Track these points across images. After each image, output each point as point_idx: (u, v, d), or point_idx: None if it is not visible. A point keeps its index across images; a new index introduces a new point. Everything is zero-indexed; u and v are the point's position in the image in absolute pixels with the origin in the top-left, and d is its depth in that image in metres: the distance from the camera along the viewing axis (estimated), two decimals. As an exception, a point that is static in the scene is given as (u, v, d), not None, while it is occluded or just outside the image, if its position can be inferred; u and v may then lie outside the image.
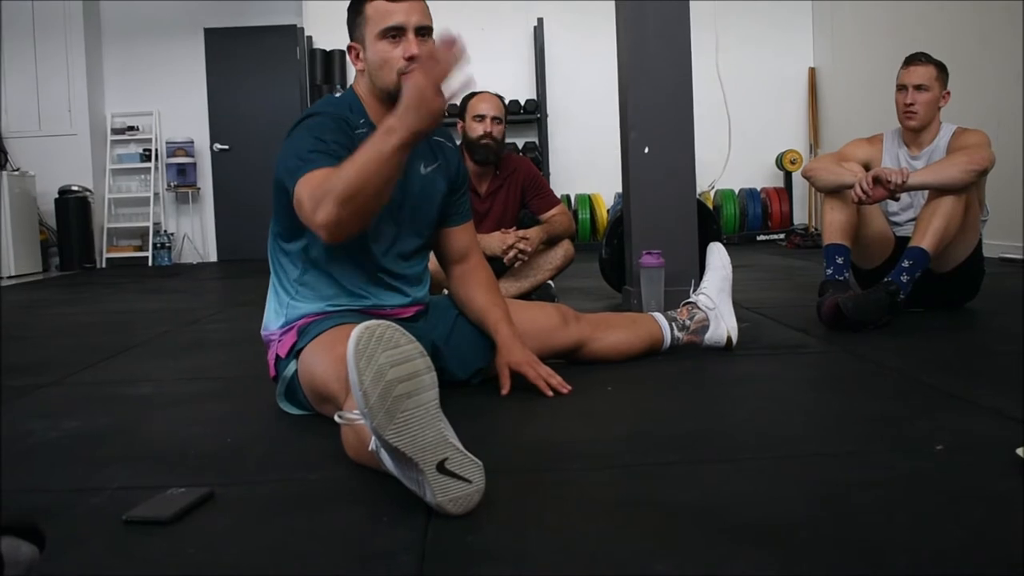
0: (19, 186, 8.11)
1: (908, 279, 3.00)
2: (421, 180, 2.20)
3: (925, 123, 3.35)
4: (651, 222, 3.43)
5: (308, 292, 2.13)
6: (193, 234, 9.45)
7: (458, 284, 2.34)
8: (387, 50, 2.04)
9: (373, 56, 2.06)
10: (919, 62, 3.36)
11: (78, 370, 2.88)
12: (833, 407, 2.08)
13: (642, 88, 3.45)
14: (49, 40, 8.82)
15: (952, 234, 3.07)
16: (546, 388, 2.17)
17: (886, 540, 1.22)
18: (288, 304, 2.13)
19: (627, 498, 1.45)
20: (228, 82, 9.28)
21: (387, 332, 1.35)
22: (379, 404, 1.31)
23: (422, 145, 2.21)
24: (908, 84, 3.35)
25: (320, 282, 2.13)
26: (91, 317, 4.55)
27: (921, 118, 3.33)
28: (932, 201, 3.07)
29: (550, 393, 2.15)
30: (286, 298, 2.14)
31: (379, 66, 2.06)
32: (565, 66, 8.56)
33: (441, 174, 2.25)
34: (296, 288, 2.14)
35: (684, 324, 2.62)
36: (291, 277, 2.15)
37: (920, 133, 3.38)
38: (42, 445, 1.94)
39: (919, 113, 3.32)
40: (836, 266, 3.14)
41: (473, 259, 2.35)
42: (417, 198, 2.19)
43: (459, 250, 2.34)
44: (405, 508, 1.38)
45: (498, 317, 2.26)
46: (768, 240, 8.31)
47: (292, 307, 2.12)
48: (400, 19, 2.03)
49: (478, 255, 2.37)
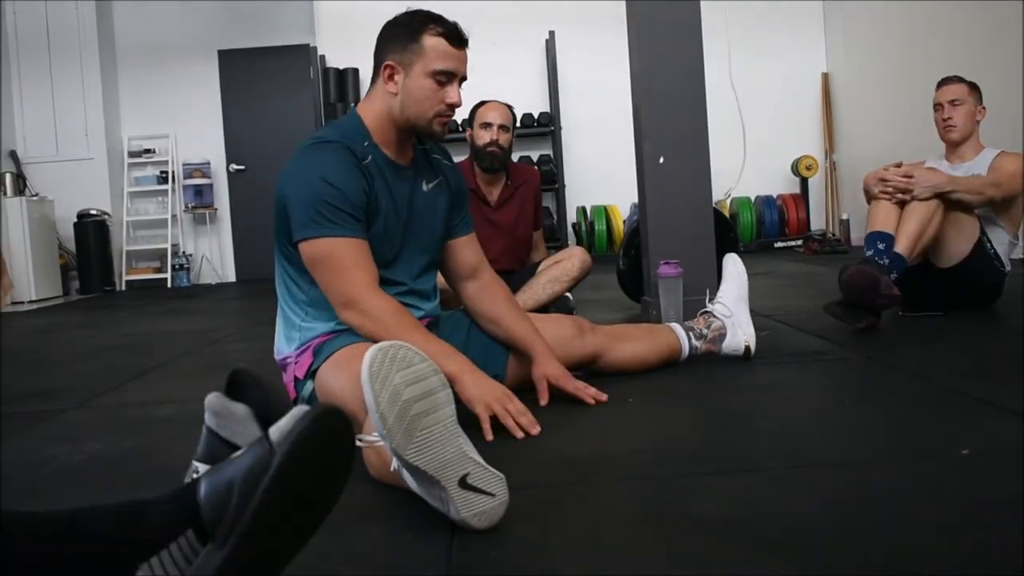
0: (38, 211, 8.18)
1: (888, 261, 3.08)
2: (424, 197, 2.23)
3: (965, 135, 3.52)
4: (668, 232, 3.42)
5: (318, 312, 2.12)
6: (211, 255, 9.51)
7: (476, 301, 2.34)
8: (432, 89, 2.08)
9: (416, 89, 2.08)
10: (951, 81, 3.58)
11: (100, 393, 2.89)
12: (855, 414, 2.07)
13: (655, 98, 3.45)
14: (65, 65, 8.92)
15: (930, 235, 3.15)
16: (588, 398, 2.19)
17: (912, 548, 1.21)
18: (300, 327, 2.13)
19: (651, 510, 1.45)
20: (243, 103, 9.35)
21: (400, 352, 1.35)
22: (397, 425, 1.31)
23: (423, 163, 2.26)
24: (943, 101, 3.55)
25: None
26: (112, 340, 4.57)
27: (960, 130, 3.50)
28: (908, 205, 3.16)
29: (592, 402, 2.18)
30: (297, 320, 2.14)
31: (418, 100, 2.09)
32: (578, 78, 8.58)
33: (442, 190, 2.29)
34: (306, 310, 2.14)
35: (701, 333, 2.61)
36: (299, 299, 2.15)
37: (961, 147, 3.54)
38: (65, 469, 1.95)
39: (958, 125, 3.50)
40: (876, 249, 3.14)
41: (485, 274, 2.36)
42: (423, 214, 2.22)
43: (468, 264, 2.35)
44: (429, 525, 1.38)
45: (529, 330, 2.28)
46: (786, 247, 8.28)
47: (305, 329, 2.12)
48: (454, 66, 2.09)
49: (489, 269, 2.38)
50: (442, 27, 2.09)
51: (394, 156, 2.16)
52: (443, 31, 2.08)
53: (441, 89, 2.09)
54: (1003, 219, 3.37)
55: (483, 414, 1.92)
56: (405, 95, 2.09)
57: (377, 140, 2.13)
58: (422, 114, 2.10)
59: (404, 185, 2.18)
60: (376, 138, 2.13)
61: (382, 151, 2.13)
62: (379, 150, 2.12)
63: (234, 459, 0.96)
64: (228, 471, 0.94)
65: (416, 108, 2.09)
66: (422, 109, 2.09)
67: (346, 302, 1.98)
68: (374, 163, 2.10)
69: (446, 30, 2.09)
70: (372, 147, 2.11)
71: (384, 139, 2.14)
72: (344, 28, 8.63)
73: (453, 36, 2.09)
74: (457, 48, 2.10)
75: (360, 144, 2.09)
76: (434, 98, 2.09)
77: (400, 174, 2.17)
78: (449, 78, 2.09)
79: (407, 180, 2.19)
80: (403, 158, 2.19)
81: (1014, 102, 5.52)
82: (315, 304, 2.13)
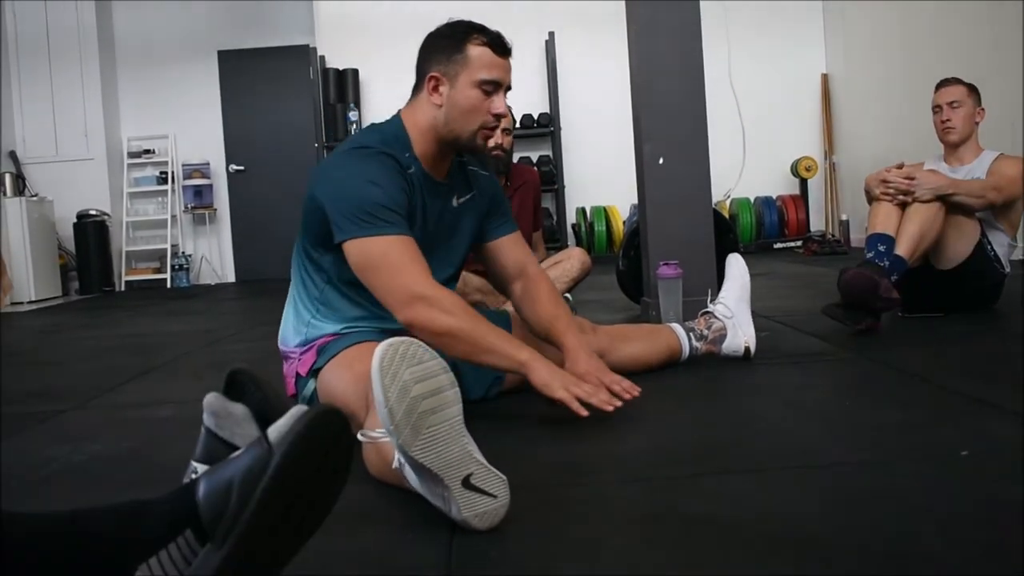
0: (38, 211, 8.19)
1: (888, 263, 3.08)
2: (452, 213, 2.21)
3: (964, 137, 3.51)
4: (667, 233, 3.42)
5: (330, 312, 2.12)
6: (211, 255, 9.51)
7: (522, 302, 2.30)
8: (479, 99, 2.06)
9: (462, 100, 2.06)
10: (949, 83, 3.57)
11: (100, 394, 2.89)
12: (855, 415, 2.07)
13: (655, 99, 3.45)
14: (64, 66, 8.92)
15: (932, 237, 3.16)
16: (602, 404, 1.95)
17: (912, 549, 1.21)
18: (309, 323, 2.13)
19: (651, 511, 1.45)
20: (242, 103, 9.35)
21: (410, 349, 1.35)
22: (405, 421, 1.31)
23: (458, 177, 2.23)
24: (942, 103, 3.54)
25: (344, 303, 2.12)
26: (111, 340, 4.57)
27: (960, 132, 3.50)
28: (909, 207, 3.17)
29: (609, 408, 1.95)
30: (307, 316, 2.14)
31: (464, 111, 2.06)
32: (578, 79, 8.58)
33: (472, 205, 2.26)
34: (317, 307, 2.13)
35: (702, 334, 2.61)
36: (312, 295, 2.14)
37: (960, 149, 3.54)
38: (65, 469, 1.95)
39: (957, 127, 3.49)
40: (877, 251, 3.14)
41: (531, 271, 2.32)
42: (449, 230, 2.21)
43: (514, 264, 2.32)
44: (429, 524, 1.38)
45: (563, 327, 2.22)
46: (785, 248, 8.28)
47: (313, 326, 2.12)
48: (500, 75, 2.07)
49: (535, 266, 2.35)
50: (486, 36, 2.07)
51: (431, 170, 2.13)
52: (487, 40, 2.06)
53: (487, 99, 2.06)
54: (1002, 222, 3.37)
55: (566, 396, 1.91)
56: (450, 106, 2.07)
57: (418, 152, 2.10)
58: (467, 126, 2.07)
59: (436, 203, 2.16)
60: (417, 150, 2.10)
61: (421, 165, 2.10)
62: (419, 163, 2.10)
63: (233, 459, 0.96)
64: (227, 471, 0.94)
65: (462, 120, 2.06)
66: (468, 120, 2.06)
67: (411, 299, 1.91)
68: (416, 175, 2.08)
69: (490, 39, 2.07)
70: (413, 159, 2.09)
71: (424, 152, 2.11)
72: (344, 29, 8.64)
73: (497, 45, 2.07)
74: (502, 57, 2.08)
75: (403, 155, 2.06)
76: (480, 108, 2.06)
77: (436, 190, 2.15)
78: (495, 88, 2.06)
79: (440, 197, 2.17)
80: (439, 173, 2.16)
81: (1014, 103, 5.52)
82: (327, 304, 2.12)
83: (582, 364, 2.12)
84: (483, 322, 1.95)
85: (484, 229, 2.32)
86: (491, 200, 2.31)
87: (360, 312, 2.12)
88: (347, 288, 2.11)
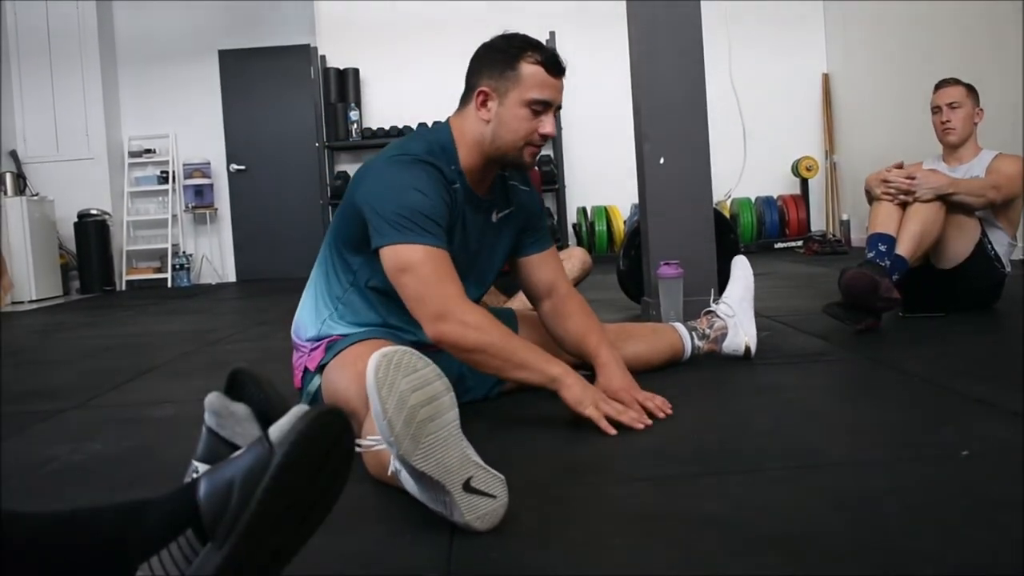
0: (38, 211, 8.19)
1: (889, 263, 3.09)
2: (492, 229, 2.19)
3: (963, 137, 3.52)
4: (668, 232, 3.42)
5: (348, 313, 2.11)
6: (212, 255, 9.51)
7: (550, 320, 2.29)
8: (527, 118, 2.03)
9: (510, 118, 2.03)
10: (948, 84, 3.57)
11: (101, 393, 2.89)
12: (856, 415, 2.07)
13: (655, 98, 3.44)
14: (65, 65, 8.93)
15: (932, 237, 3.17)
16: (632, 422, 1.93)
17: (912, 549, 1.21)
18: (325, 320, 2.12)
19: (651, 511, 1.45)
20: (243, 103, 9.35)
21: (404, 358, 1.35)
22: (404, 431, 1.31)
23: (500, 192, 2.22)
24: (941, 104, 3.54)
25: (364, 307, 2.11)
26: (112, 340, 4.57)
27: (959, 133, 3.50)
28: (910, 207, 3.17)
29: (639, 426, 1.93)
30: (325, 312, 2.13)
31: (512, 129, 2.03)
32: (578, 78, 8.48)
33: (511, 221, 2.24)
34: (337, 306, 2.12)
35: (704, 333, 2.61)
36: (335, 293, 2.13)
37: (959, 149, 3.54)
38: (66, 469, 1.95)
39: (956, 128, 3.49)
40: (878, 251, 3.15)
41: (562, 290, 2.30)
42: (489, 247, 2.20)
43: (544, 282, 2.30)
44: (428, 525, 1.38)
45: (597, 341, 2.21)
46: (786, 248, 8.28)
47: (329, 325, 2.11)
48: (551, 95, 2.04)
49: (566, 285, 2.33)
50: (541, 55, 2.03)
51: (474, 185, 2.11)
52: (542, 59, 2.02)
53: (536, 119, 2.03)
54: (1002, 221, 3.38)
55: (595, 414, 1.90)
56: (498, 123, 2.04)
57: (464, 166, 2.08)
58: (514, 143, 2.04)
59: (479, 218, 2.15)
60: (463, 163, 2.08)
61: (466, 179, 2.08)
62: (463, 178, 2.08)
63: (234, 459, 0.96)
64: (228, 471, 0.94)
65: (508, 137, 2.04)
66: (514, 138, 2.04)
67: (441, 314, 1.88)
68: (459, 191, 2.06)
69: (545, 58, 2.03)
70: (458, 174, 2.07)
71: (470, 166, 2.08)
72: (345, 28, 8.64)
73: (552, 64, 2.03)
74: (555, 77, 2.04)
75: (448, 167, 2.04)
76: (528, 127, 2.03)
77: (478, 206, 2.14)
78: (545, 107, 2.03)
79: (481, 212, 2.16)
80: (482, 189, 2.15)
81: (1014, 103, 5.52)
82: (348, 304, 2.11)
83: (616, 380, 2.12)
84: (514, 338, 1.94)
85: (519, 244, 2.30)
86: (529, 215, 2.29)
87: (377, 319, 2.11)
88: (371, 293, 2.09)
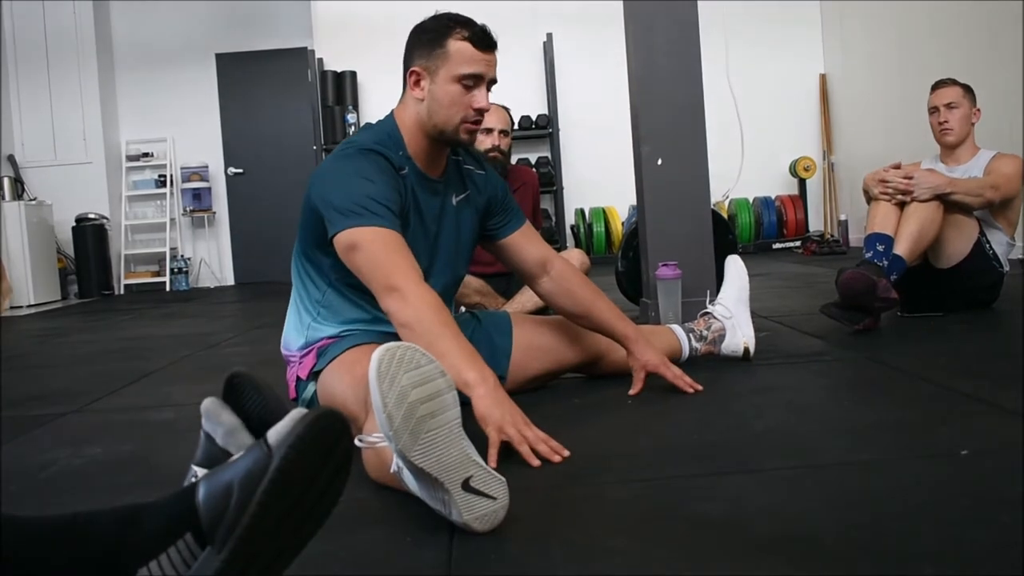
0: (36, 215, 8.18)
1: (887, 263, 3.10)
2: (452, 211, 2.20)
3: (961, 138, 3.53)
4: (666, 234, 3.42)
5: (329, 315, 2.12)
6: (210, 258, 9.50)
7: (554, 299, 2.31)
8: (459, 94, 2.04)
9: (442, 95, 2.05)
10: (945, 84, 3.58)
11: (99, 397, 2.89)
12: (855, 415, 2.06)
13: (653, 100, 3.45)
14: (62, 69, 8.92)
15: (930, 237, 3.17)
16: (686, 387, 2.25)
17: (912, 548, 1.21)
18: (309, 326, 2.13)
19: (651, 511, 1.45)
20: (241, 106, 9.35)
21: (407, 353, 1.35)
22: (403, 426, 1.31)
23: (454, 175, 2.23)
24: (939, 105, 3.54)
25: (344, 305, 2.12)
26: (111, 344, 4.57)
27: (957, 133, 3.51)
28: (908, 206, 3.18)
29: (690, 391, 2.24)
30: (307, 318, 2.14)
31: (445, 106, 2.05)
32: (576, 80, 8.58)
33: (470, 204, 2.25)
34: (318, 309, 2.13)
35: (702, 335, 2.61)
36: (314, 298, 2.14)
37: (957, 150, 3.55)
38: (65, 473, 1.95)
39: (954, 128, 3.51)
40: (876, 251, 3.15)
41: (556, 264, 2.32)
42: (450, 229, 2.20)
43: (534, 258, 2.32)
44: (429, 527, 1.38)
45: (616, 317, 2.28)
46: (784, 248, 8.29)
47: (313, 329, 2.12)
48: (481, 69, 2.05)
49: (557, 258, 2.34)
50: (468, 30, 2.05)
51: (426, 168, 2.12)
52: (469, 34, 2.04)
53: (468, 94, 2.05)
54: (1000, 220, 3.38)
55: (494, 436, 1.71)
56: (431, 101, 2.06)
57: (411, 150, 2.10)
58: (448, 120, 2.05)
59: (434, 201, 2.15)
60: (410, 148, 2.10)
61: (415, 164, 2.10)
62: (413, 162, 2.09)
63: (232, 462, 0.96)
64: (226, 474, 0.94)
65: (442, 114, 2.05)
66: (448, 115, 2.05)
67: (389, 287, 1.85)
68: (409, 175, 2.07)
69: (472, 33, 2.04)
70: (406, 159, 2.08)
71: (417, 150, 2.10)
72: (342, 31, 8.64)
73: (480, 39, 2.05)
74: (484, 51, 2.05)
75: (396, 153, 2.06)
76: (460, 103, 2.04)
77: (431, 188, 2.14)
78: (476, 82, 2.05)
79: (438, 195, 2.16)
80: (435, 171, 2.16)
81: (1012, 103, 5.52)
82: (328, 306, 2.12)
83: (651, 355, 2.28)
84: (448, 328, 1.83)
85: (491, 228, 2.31)
86: (490, 198, 2.30)
87: (360, 314, 2.12)
88: (348, 290, 2.10)
